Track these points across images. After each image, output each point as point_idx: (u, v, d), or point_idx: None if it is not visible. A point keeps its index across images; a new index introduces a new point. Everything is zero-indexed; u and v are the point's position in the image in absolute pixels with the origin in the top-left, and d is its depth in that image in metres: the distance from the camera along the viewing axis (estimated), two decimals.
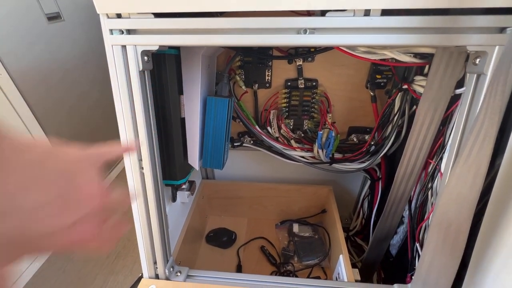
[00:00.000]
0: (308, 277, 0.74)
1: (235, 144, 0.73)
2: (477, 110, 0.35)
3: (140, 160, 0.44)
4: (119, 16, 0.37)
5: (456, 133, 0.39)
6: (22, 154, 0.17)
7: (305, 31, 0.35)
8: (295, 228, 0.86)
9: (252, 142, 0.74)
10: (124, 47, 0.38)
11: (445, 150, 0.45)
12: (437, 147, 0.48)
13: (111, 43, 0.38)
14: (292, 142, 0.70)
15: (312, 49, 0.58)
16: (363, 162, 0.70)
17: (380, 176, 0.74)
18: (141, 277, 0.53)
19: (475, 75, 0.36)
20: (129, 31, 0.38)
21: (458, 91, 0.40)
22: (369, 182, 0.80)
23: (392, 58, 0.47)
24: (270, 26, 0.35)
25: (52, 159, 0.18)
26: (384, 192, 0.74)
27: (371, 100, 0.64)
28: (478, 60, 0.35)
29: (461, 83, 0.40)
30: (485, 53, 0.33)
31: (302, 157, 0.71)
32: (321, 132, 0.65)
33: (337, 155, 0.70)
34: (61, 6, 1.14)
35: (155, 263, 0.52)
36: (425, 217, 0.50)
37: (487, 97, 0.30)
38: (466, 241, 0.35)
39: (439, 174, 0.47)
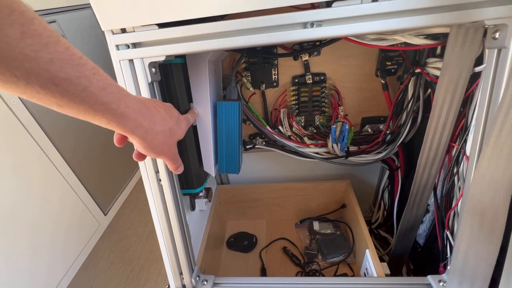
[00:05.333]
0: (334, 275, 0.72)
1: (247, 146, 0.72)
2: (501, 86, 0.33)
3: (156, 172, 0.44)
4: (123, 31, 0.37)
5: (480, 113, 0.37)
6: (160, 107, 0.35)
7: (312, 24, 0.34)
8: (316, 225, 0.85)
9: (264, 143, 0.73)
10: (131, 61, 0.38)
11: (468, 132, 0.43)
12: (459, 130, 0.46)
13: (119, 58, 0.38)
14: (305, 139, 0.69)
15: (318, 43, 0.57)
16: (380, 152, 0.68)
17: (399, 165, 0.71)
18: None
19: (496, 50, 0.34)
20: (135, 45, 0.38)
21: (477, 69, 0.38)
22: (387, 172, 0.78)
23: (403, 43, 0.46)
24: (276, 23, 0.34)
25: (171, 109, 0.38)
26: (404, 181, 0.71)
27: (382, 88, 0.62)
28: (497, 34, 0.33)
29: (480, 61, 0.38)
30: (505, 26, 0.32)
31: (317, 153, 0.69)
32: (334, 126, 0.64)
33: (353, 148, 0.68)
34: (64, 29, 1.16)
35: (181, 273, 0.51)
36: (454, 204, 0.48)
37: None
38: (505, 225, 0.33)
39: (464, 157, 0.45)
